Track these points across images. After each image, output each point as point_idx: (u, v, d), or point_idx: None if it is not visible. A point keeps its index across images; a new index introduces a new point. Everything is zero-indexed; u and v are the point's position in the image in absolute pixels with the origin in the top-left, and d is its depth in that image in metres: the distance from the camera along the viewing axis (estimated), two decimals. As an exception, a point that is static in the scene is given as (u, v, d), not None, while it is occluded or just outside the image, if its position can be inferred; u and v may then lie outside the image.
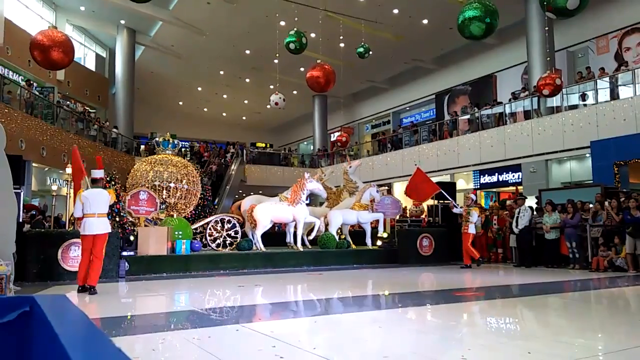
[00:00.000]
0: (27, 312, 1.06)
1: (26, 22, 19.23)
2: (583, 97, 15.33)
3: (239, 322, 4.80)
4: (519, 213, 11.99)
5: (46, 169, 17.73)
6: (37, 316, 1.02)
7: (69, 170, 11.34)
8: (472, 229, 11.47)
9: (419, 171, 12.92)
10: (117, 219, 10.02)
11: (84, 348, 0.80)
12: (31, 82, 17.96)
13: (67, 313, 1.02)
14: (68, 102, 20.63)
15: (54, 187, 12.11)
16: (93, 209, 6.90)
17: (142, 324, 4.98)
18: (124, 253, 9.36)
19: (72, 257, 8.49)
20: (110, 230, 7.15)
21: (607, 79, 15.05)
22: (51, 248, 8.40)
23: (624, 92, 14.28)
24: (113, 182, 10.25)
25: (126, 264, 9.06)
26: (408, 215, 15.39)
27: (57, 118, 17.92)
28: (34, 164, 15.84)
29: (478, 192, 18.93)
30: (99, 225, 6.88)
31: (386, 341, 4.08)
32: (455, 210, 12.38)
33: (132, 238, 10.13)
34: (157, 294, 7.09)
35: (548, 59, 16.01)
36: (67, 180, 11.11)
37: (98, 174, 7.31)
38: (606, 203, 10.70)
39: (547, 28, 16.34)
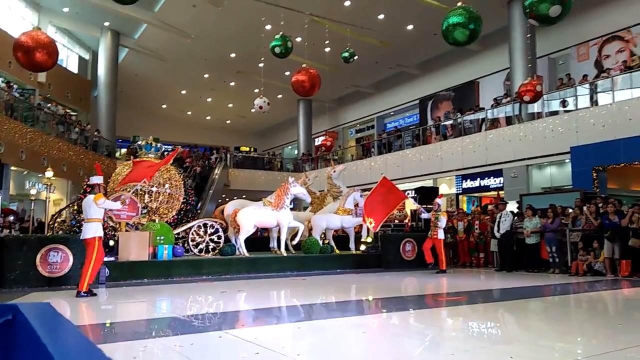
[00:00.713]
0: (10, 320, 1.05)
1: (8, 23, 18.91)
2: (563, 103, 15.60)
3: (222, 328, 4.77)
4: (500, 218, 12.12)
5: (25, 172, 17.42)
6: (20, 325, 1.00)
7: (48, 173, 11.15)
8: (441, 235, 11.34)
9: (385, 180, 11.90)
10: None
11: (72, 355, 0.79)
12: (11, 83, 17.66)
13: (53, 321, 1.00)
14: (49, 105, 20.32)
15: (33, 192, 11.91)
16: (84, 215, 7.24)
17: (122, 331, 4.91)
18: (105, 259, 9.22)
19: (50, 263, 8.34)
20: (97, 235, 7.10)
21: (587, 85, 15.34)
22: (29, 253, 8.24)
23: (603, 98, 14.58)
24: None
25: (106, 270, 8.92)
26: (394, 220, 15.45)
27: (38, 121, 17.63)
28: (12, 168, 15.54)
29: (460, 197, 19.13)
30: (85, 231, 7.11)
31: (370, 346, 4.10)
32: (423, 215, 12.26)
33: (111, 243, 10.00)
34: (138, 301, 7.00)
35: (530, 65, 16.27)
36: (47, 185, 10.92)
37: (93, 180, 7.57)
38: (585, 208, 10.89)
39: (529, 35, 16.62)
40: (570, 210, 11.47)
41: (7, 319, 1.08)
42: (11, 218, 11.94)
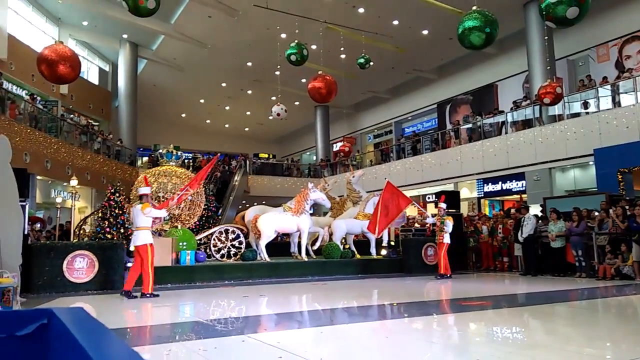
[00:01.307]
0: (45, 324, 1.07)
1: (29, 37, 19.40)
2: (585, 105, 15.35)
3: (245, 332, 4.79)
4: (523, 222, 11.96)
5: (50, 181, 17.79)
6: (55, 328, 1.02)
7: (73, 182, 11.38)
8: (447, 239, 11.00)
9: (389, 185, 11.60)
10: (122, 230, 10.04)
11: (112, 358, 0.81)
12: (35, 95, 18.09)
13: (88, 325, 1.02)
14: (72, 116, 20.75)
15: (59, 200, 12.15)
16: (134, 223, 7.76)
17: (147, 335, 4.97)
18: (128, 264, 9.36)
19: (77, 269, 8.50)
20: (147, 242, 7.54)
21: (608, 86, 15.08)
22: (56, 260, 8.42)
23: (626, 99, 14.30)
24: (117, 194, 10.28)
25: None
26: (414, 224, 15.36)
27: (61, 131, 18.02)
28: (38, 177, 15.89)
29: (482, 200, 18.91)
30: (135, 239, 7.63)
31: (393, 351, 4.07)
32: (428, 220, 11.92)
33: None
34: (162, 305, 7.08)
35: (548, 67, 16.05)
36: (72, 193, 11.15)
37: (141, 190, 8.04)
38: (611, 211, 10.67)
39: (546, 37, 16.41)
40: (597, 214, 11.25)
41: (42, 323, 1.10)
42: (38, 226, 12.19)
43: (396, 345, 4.34)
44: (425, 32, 20.18)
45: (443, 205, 11.54)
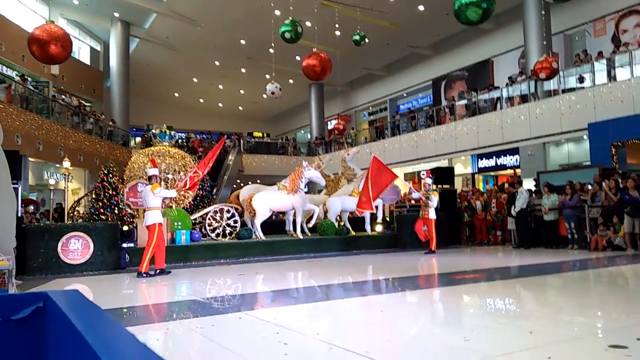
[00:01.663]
0: (41, 307, 1.08)
1: (19, 17, 19.03)
2: (581, 79, 15.30)
3: (241, 310, 4.84)
4: (516, 196, 12.05)
5: (43, 163, 17.69)
6: (51, 311, 1.03)
7: (65, 164, 11.32)
8: (432, 214, 10.83)
9: (375, 160, 11.38)
10: (116, 211, 10.03)
11: (107, 341, 0.81)
12: (25, 77, 17.84)
13: (84, 308, 1.03)
14: (63, 96, 20.51)
15: (52, 182, 12.09)
16: (144, 204, 7.89)
17: (144, 315, 5.02)
18: (124, 245, 9.39)
19: (72, 250, 8.52)
20: (157, 222, 7.66)
21: (604, 61, 15.01)
22: (51, 242, 8.43)
23: (621, 73, 14.26)
24: (111, 175, 10.24)
25: (126, 255, 9.09)
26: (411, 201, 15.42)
27: (53, 112, 17.83)
28: (30, 159, 15.79)
29: (476, 176, 18.98)
30: (146, 218, 7.75)
31: (388, 325, 4.13)
32: (413, 195, 11.80)
33: (125, 228, 10.17)
34: (158, 285, 7.13)
35: (545, 42, 15.94)
36: (65, 174, 11.10)
37: (150, 172, 8.10)
38: (604, 183, 10.76)
39: (543, 12, 16.26)
40: (589, 187, 11.34)
41: (38, 306, 1.11)
42: (31, 208, 12.17)
43: (391, 319, 4.40)
44: (421, 7, 19.94)
45: (428, 180, 11.54)
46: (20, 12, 19.34)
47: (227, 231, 11.51)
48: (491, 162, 17.97)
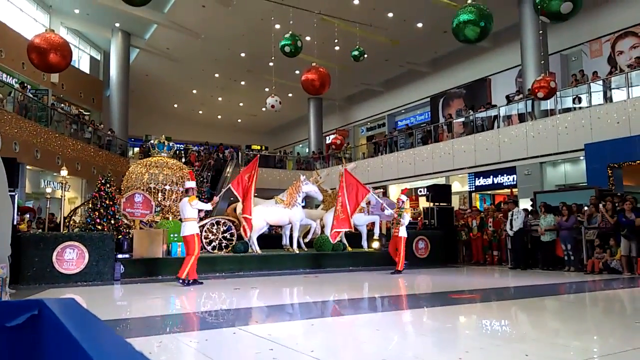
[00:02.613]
0: (36, 315, 1.06)
1: (20, 25, 19.13)
2: (579, 100, 15.41)
3: (236, 325, 4.79)
4: (512, 216, 12.05)
5: (40, 171, 17.64)
6: (46, 319, 1.02)
7: (63, 172, 11.29)
8: (403, 232, 10.52)
9: (347, 175, 11.12)
10: (112, 221, 9.99)
11: (104, 349, 0.80)
12: (25, 84, 17.88)
13: (79, 315, 1.02)
14: (62, 105, 20.54)
15: (48, 190, 12.07)
16: (182, 215, 8.26)
17: (138, 327, 4.96)
18: (120, 256, 9.33)
19: (67, 260, 8.45)
20: (194, 232, 8.07)
21: (600, 82, 15.16)
22: (46, 250, 8.37)
23: (618, 95, 14.39)
24: (108, 185, 10.21)
25: (121, 266, 9.02)
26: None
27: (52, 120, 17.83)
28: (27, 167, 15.75)
29: (473, 194, 19.01)
30: (183, 229, 8.15)
31: (383, 344, 4.09)
32: (386, 212, 11.49)
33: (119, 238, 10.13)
34: (153, 297, 7.07)
35: (542, 62, 16.10)
36: (62, 183, 11.06)
37: (187, 184, 8.56)
38: (600, 205, 10.77)
39: (540, 32, 16.45)
40: (586, 208, 11.35)
41: (33, 314, 1.10)
42: (27, 216, 12.11)
43: (386, 337, 4.36)
44: (419, 25, 20.15)
45: (403, 197, 11.09)
46: (21, 20, 19.45)
47: (223, 244, 11.45)
48: (488, 181, 18.02)
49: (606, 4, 17.31)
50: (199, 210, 8.36)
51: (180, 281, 7.95)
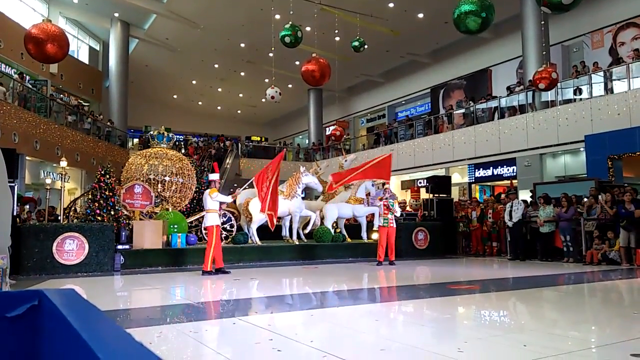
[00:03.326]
0: (36, 305, 1.07)
1: (19, 14, 19.03)
2: (579, 91, 15.37)
3: (235, 315, 4.82)
4: (512, 207, 12.06)
5: (39, 162, 17.64)
6: (46, 309, 1.02)
7: (62, 163, 11.29)
8: (393, 223, 10.38)
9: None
10: (112, 212, 10.00)
11: (105, 340, 0.81)
12: (24, 75, 17.81)
13: (80, 306, 1.02)
14: (61, 96, 20.48)
15: (48, 181, 12.08)
16: (205, 206, 8.58)
17: (138, 318, 4.99)
18: (119, 247, 9.35)
19: (67, 251, 8.48)
20: (215, 223, 8.33)
21: (601, 73, 15.11)
22: (46, 241, 8.39)
23: (618, 86, 14.35)
24: (108, 176, 10.20)
25: (121, 257, 9.05)
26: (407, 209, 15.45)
27: (51, 111, 17.79)
28: (27, 158, 15.74)
29: (473, 185, 19.01)
30: (205, 220, 8.60)
31: (382, 334, 4.12)
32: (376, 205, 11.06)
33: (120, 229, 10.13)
34: (152, 288, 7.10)
35: (543, 53, 16.02)
36: (61, 174, 11.06)
37: (211, 176, 8.82)
38: (600, 197, 10.78)
39: (542, 22, 16.36)
40: (585, 199, 11.37)
41: (33, 304, 1.10)
42: (27, 207, 12.12)
43: (386, 327, 4.39)
44: (420, 15, 20.04)
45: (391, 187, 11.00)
46: (19, 10, 19.34)
47: (223, 235, 11.47)
48: (488, 172, 18.02)
49: (608, -6, 17.22)
50: (220, 203, 8.62)
51: (210, 273, 8.16)
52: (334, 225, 12.91)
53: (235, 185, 23.81)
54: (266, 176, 9.84)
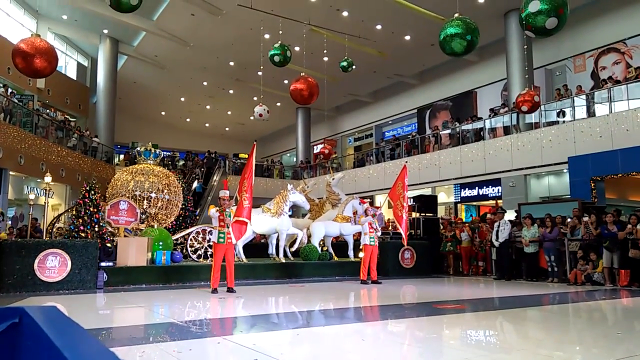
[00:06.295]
0: (16, 323, 1.05)
1: (6, 29, 18.96)
2: (563, 113, 15.66)
3: (220, 334, 4.76)
4: (498, 227, 12.14)
5: (24, 177, 17.39)
6: (27, 327, 1.01)
7: (47, 178, 11.15)
8: (365, 241, 10.51)
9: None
10: (96, 229, 9.87)
11: (85, 357, 0.80)
12: (8, 88, 17.66)
13: (62, 324, 1.01)
14: (48, 111, 20.31)
15: (32, 196, 11.88)
16: (213, 223, 8.57)
17: (120, 337, 4.90)
18: (103, 264, 9.21)
19: (49, 268, 8.32)
20: (214, 240, 8.38)
21: (584, 96, 15.43)
22: (27, 258, 8.22)
23: (601, 109, 14.66)
24: (93, 192, 10.09)
25: (105, 274, 8.91)
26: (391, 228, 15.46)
27: (37, 126, 17.62)
28: (11, 172, 15.51)
29: (458, 205, 19.13)
30: (213, 237, 8.59)
31: (369, 354, 4.09)
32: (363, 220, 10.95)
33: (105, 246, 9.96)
34: (135, 306, 6.98)
35: (527, 76, 16.36)
36: (46, 190, 10.91)
37: (220, 193, 8.78)
38: (585, 218, 10.91)
39: (525, 47, 16.73)
40: (569, 220, 11.50)
41: (13, 322, 1.08)
42: (9, 222, 11.92)
43: (372, 347, 4.36)
44: (407, 37, 20.37)
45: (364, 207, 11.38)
46: (7, 25, 19.27)
47: (209, 253, 11.37)
48: (474, 192, 18.18)
49: (589, 20, 17.67)
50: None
51: (212, 291, 8.24)
52: (321, 243, 12.87)
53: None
54: (242, 186, 9.53)
